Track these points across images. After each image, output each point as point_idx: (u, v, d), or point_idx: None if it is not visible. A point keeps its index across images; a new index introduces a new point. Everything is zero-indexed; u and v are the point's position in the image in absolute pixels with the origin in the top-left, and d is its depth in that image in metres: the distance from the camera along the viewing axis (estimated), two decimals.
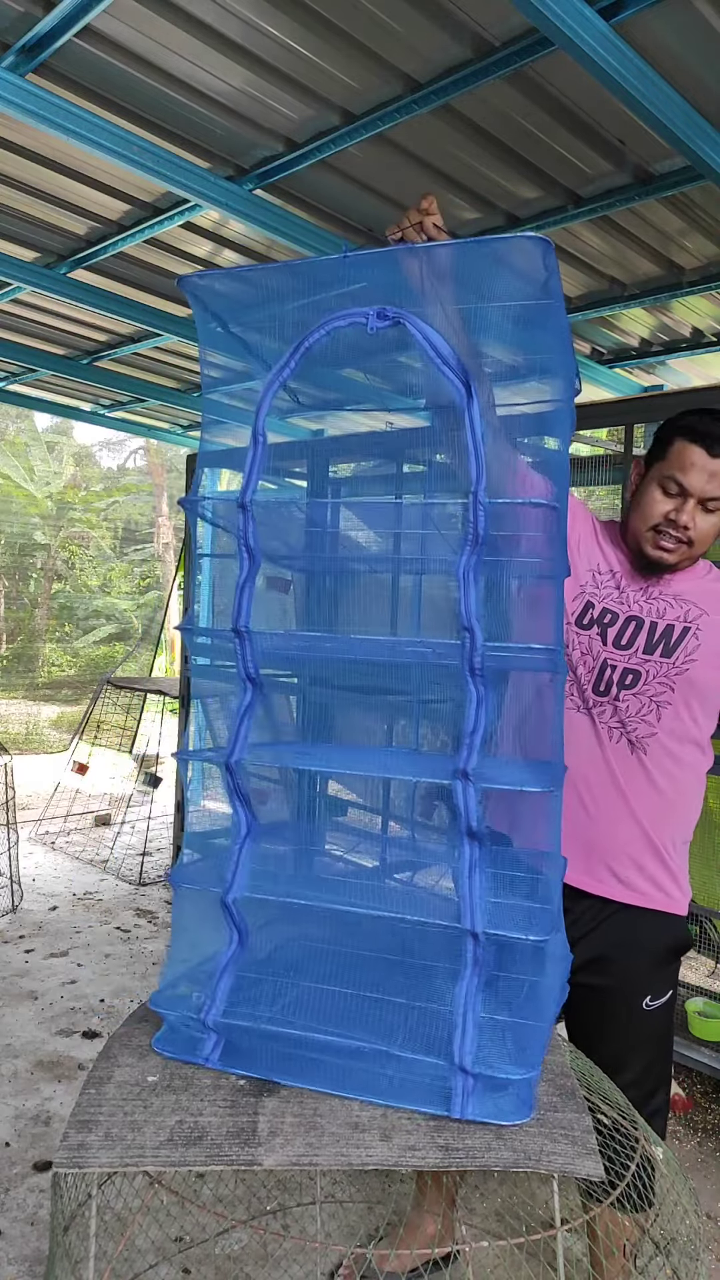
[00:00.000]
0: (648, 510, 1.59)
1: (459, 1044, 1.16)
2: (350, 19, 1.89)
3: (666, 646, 1.59)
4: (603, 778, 1.63)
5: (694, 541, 1.56)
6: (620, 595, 1.63)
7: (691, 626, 1.60)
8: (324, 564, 1.34)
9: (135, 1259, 2.01)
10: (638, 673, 1.60)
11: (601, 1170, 1.09)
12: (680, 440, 1.55)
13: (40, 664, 14.46)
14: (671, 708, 1.60)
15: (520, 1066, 1.17)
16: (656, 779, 1.62)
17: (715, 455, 1.51)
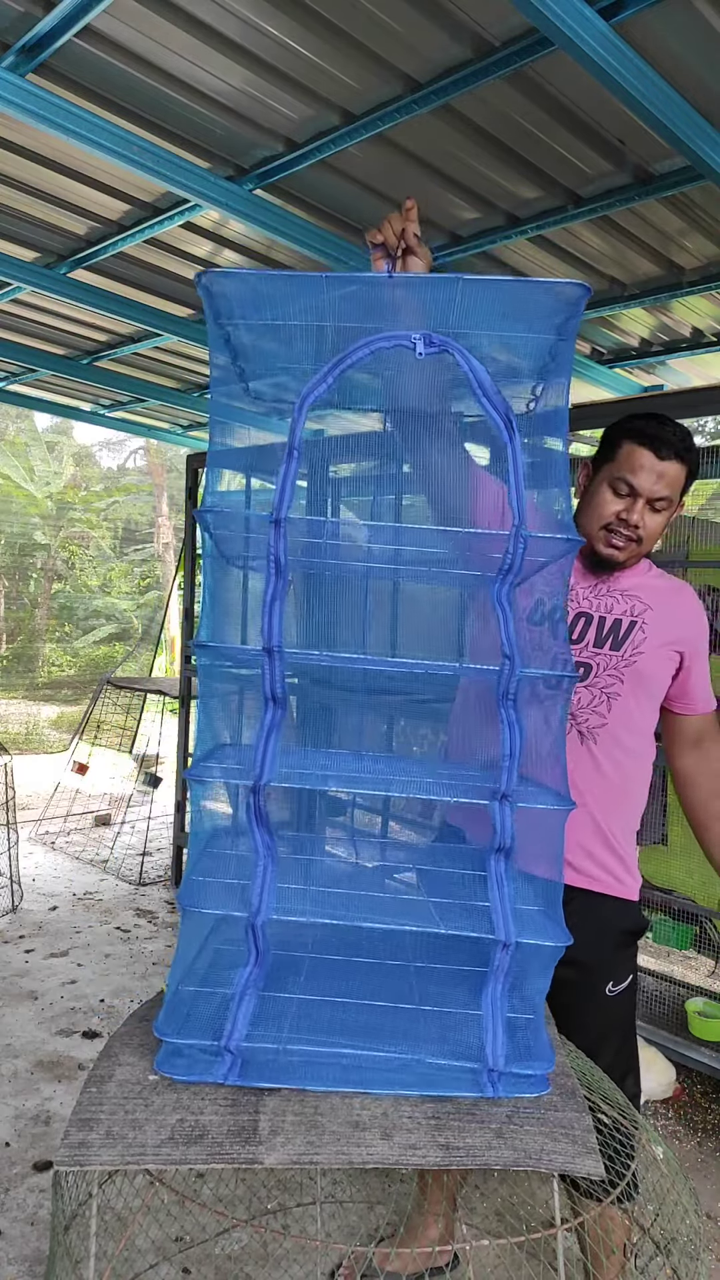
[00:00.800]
0: (599, 510, 1.65)
1: (491, 1048, 1.19)
2: (350, 19, 1.89)
3: (615, 640, 1.67)
4: None
5: (643, 540, 1.64)
6: (570, 593, 1.70)
7: (638, 620, 1.67)
8: (348, 579, 1.33)
9: (135, 1259, 2.01)
10: (589, 665, 1.67)
11: (601, 1169, 1.09)
12: (629, 443, 1.63)
13: (40, 664, 14.46)
14: (621, 699, 1.67)
15: (541, 1060, 1.21)
16: (605, 768, 1.68)
17: (663, 458, 1.60)
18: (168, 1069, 1.25)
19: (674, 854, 3.31)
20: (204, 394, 4.96)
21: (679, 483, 1.64)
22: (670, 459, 1.60)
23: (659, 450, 1.60)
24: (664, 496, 1.62)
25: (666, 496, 1.62)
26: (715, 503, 5.02)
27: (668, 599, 1.72)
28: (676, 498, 1.66)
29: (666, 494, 1.62)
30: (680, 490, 1.66)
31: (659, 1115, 2.89)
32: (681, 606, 1.73)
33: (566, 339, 1.24)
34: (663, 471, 1.60)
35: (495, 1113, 1.18)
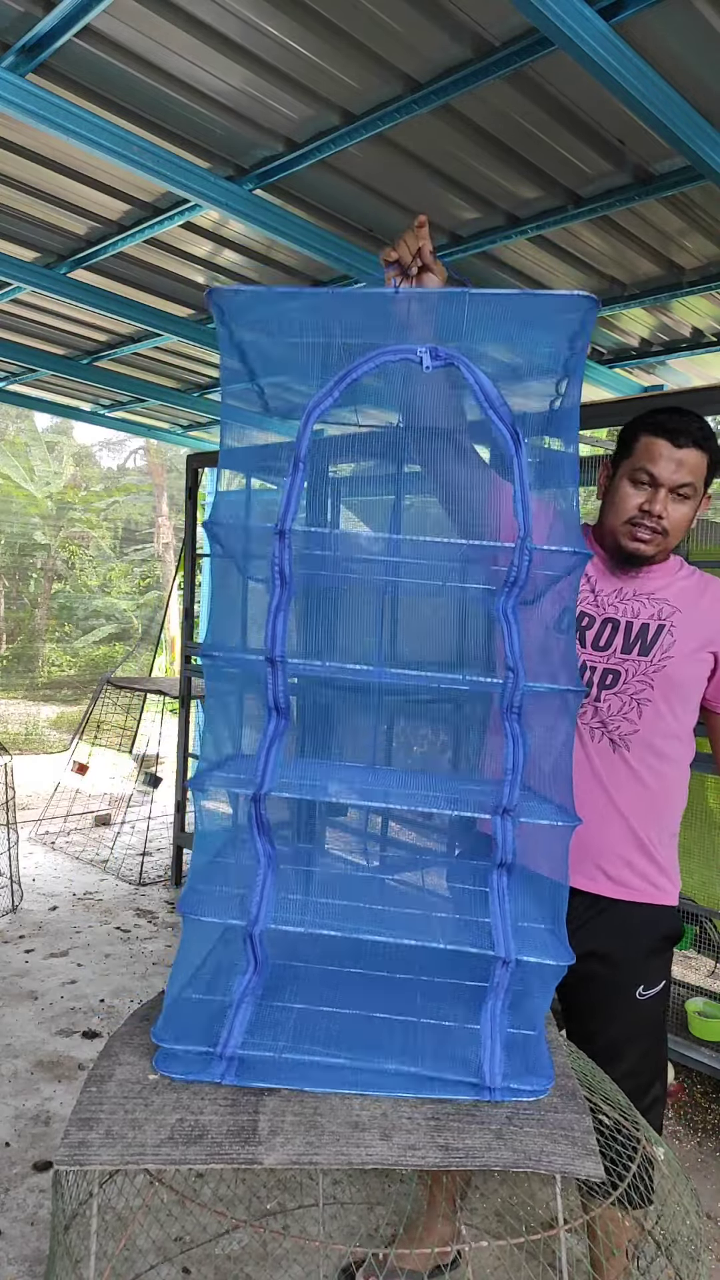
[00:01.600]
0: (622, 505, 1.63)
1: (489, 1065, 1.19)
2: (350, 19, 1.89)
3: (643, 645, 1.64)
4: (587, 778, 1.66)
5: (669, 531, 1.61)
6: (595, 599, 1.68)
7: (666, 624, 1.64)
8: (355, 588, 1.33)
9: (135, 1259, 2.01)
10: (617, 672, 1.64)
11: (601, 1171, 1.09)
12: (646, 436, 1.62)
13: (40, 664, 14.45)
14: (652, 705, 1.64)
15: (540, 1077, 1.21)
16: (640, 775, 1.66)
17: (680, 446, 1.58)
18: (165, 1068, 1.26)
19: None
20: (204, 394, 4.96)
21: (700, 470, 1.61)
22: (688, 446, 1.58)
23: (676, 439, 1.58)
24: (686, 483, 1.59)
25: (689, 483, 1.59)
26: (716, 503, 5.03)
27: (696, 599, 1.68)
28: (700, 486, 1.62)
29: (689, 480, 1.59)
30: (704, 479, 1.62)
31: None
32: (712, 605, 1.68)
33: (578, 352, 1.23)
34: (682, 459, 1.58)
35: (495, 1114, 1.18)
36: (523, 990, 1.24)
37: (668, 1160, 1.34)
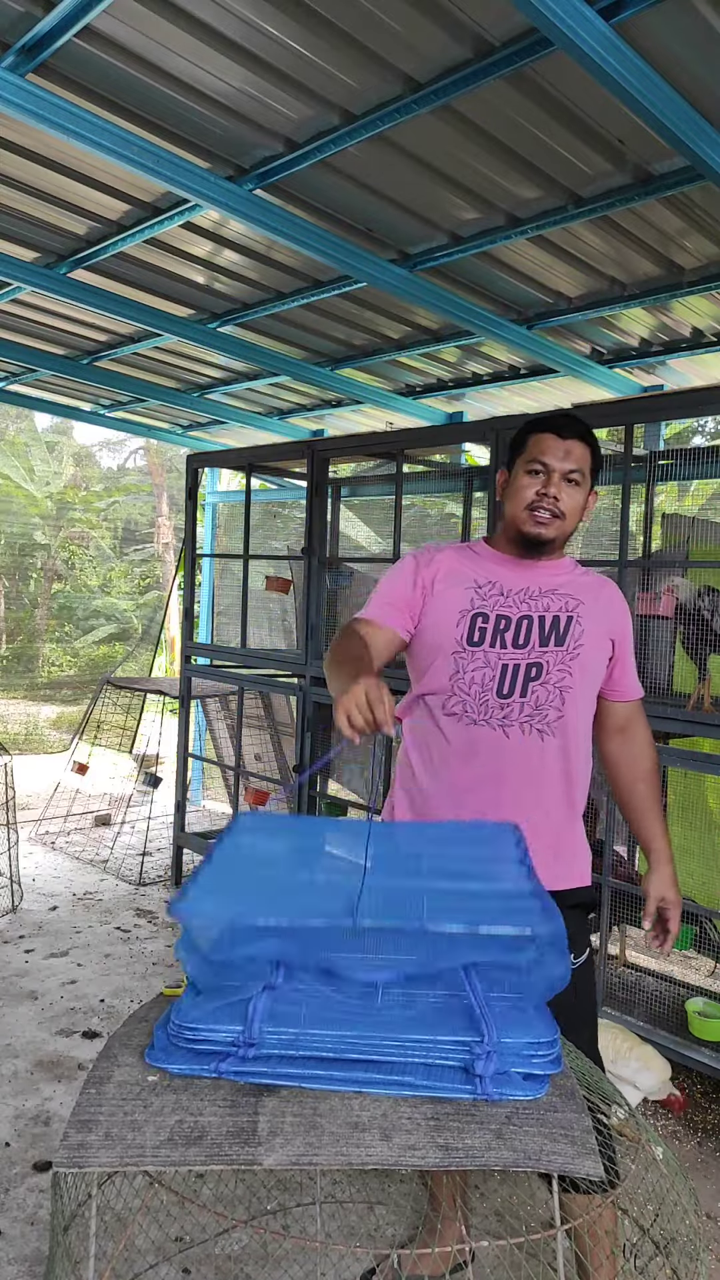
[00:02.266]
0: (521, 494, 1.79)
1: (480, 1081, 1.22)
2: (350, 19, 1.89)
3: (558, 636, 1.78)
4: (517, 776, 1.76)
5: (564, 514, 1.78)
6: (506, 600, 1.80)
7: (574, 615, 1.79)
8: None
9: (135, 1259, 2.01)
10: (540, 665, 1.76)
11: (601, 1170, 1.09)
12: (536, 433, 1.79)
13: (40, 664, 14.45)
14: (572, 691, 1.77)
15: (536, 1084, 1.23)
16: (563, 759, 1.78)
17: (565, 437, 1.76)
18: (159, 1060, 1.26)
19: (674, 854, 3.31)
20: (204, 394, 4.95)
21: (585, 460, 1.77)
22: (572, 438, 1.76)
23: (561, 432, 1.76)
24: (575, 469, 1.76)
25: (577, 469, 1.76)
26: (715, 503, 5.02)
27: (595, 593, 1.84)
28: (588, 476, 1.79)
29: (577, 466, 1.76)
30: (589, 470, 1.79)
31: (659, 1115, 2.89)
32: (609, 599, 1.86)
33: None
34: (568, 449, 1.75)
35: (495, 1114, 1.18)
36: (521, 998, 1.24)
37: (667, 1160, 1.34)
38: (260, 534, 5.89)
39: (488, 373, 4.27)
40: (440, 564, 1.85)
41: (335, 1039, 1.23)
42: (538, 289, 3.24)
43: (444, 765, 1.78)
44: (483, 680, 1.75)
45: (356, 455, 4.54)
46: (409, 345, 3.92)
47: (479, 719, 1.75)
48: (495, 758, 1.75)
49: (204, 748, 6.21)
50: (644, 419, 3.24)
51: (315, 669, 4.10)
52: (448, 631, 1.77)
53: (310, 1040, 1.23)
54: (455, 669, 1.77)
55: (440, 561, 1.85)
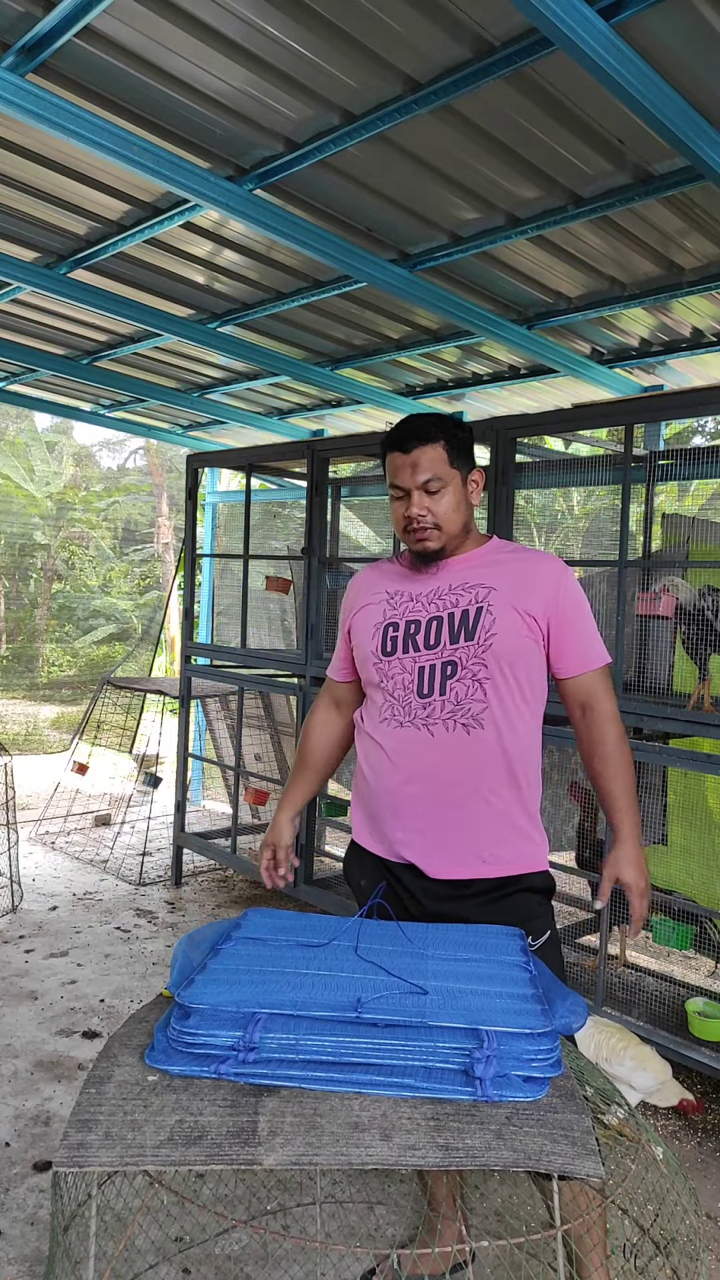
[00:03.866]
0: (394, 518, 1.84)
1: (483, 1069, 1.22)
2: (350, 19, 1.89)
3: (467, 631, 1.78)
4: (448, 772, 1.79)
5: (440, 524, 1.78)
6: (415, 605, 1.83)
7: (484, 605, 1.78)
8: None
9: (135, 1259, 2.01)
10: (454, 662, 1.77)
11: (602, 1170, 1.09)
12: (387, 454, 1.82)
13: (40, 664, 14.45)
14: (492, 680, 1.77)
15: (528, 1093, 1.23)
16: (495, 748, 1.78)
17: (407, 451, 1.77)
18: (158, 1061, 1.26)
19: (674, 854, 3.31)
20: (204, 394, 4.95)
21: (439, 460, 1.76)
22: (415, 448, 1.76)
23: (403, 446, 1.77)
24: (428, 479, 1.76)
25: (431, 478, 1.76)
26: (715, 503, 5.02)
27: (517, 570, 1.81)
28: (449, 473, 1.78)
29: (428, 476, 1.76)
30: (448, 464, 1.77)
31: (659, 1115, 2.89)
32: (534, 575, 1.81)
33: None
34: (414, 462, 1.76)
35: (495, 1114, 1.18)
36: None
37: (667, 1160, 1.34)
38: (260, 534, 5.89)
39: (488, 373, 4.27)
40: (361, 585, 1.96)
41: (334, 1044, 1.24)
42: (538, 289, 3.24)
43: (382, 769, 1.84)
44: (404, 685, 1.81)
45: (356, 455, 4.54)
46: (409, 345, 3.92)
47: (405, 721, 1.80)
48: (424, 757, 1.79)
49: (204, 748, 6.21)
50: (644, 419, 3.23)
51: (315, 669, 4.11)
52: (367, 645, 1.86)
53: (309, 1045, 1.23)
54: (379, 678, 1.84)
55: (361, 583, 1.96)
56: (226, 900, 4.73)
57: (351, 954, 1.50)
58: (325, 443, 4.26)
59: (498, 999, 1.35)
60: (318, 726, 2.06)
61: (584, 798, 3.50)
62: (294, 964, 1.44)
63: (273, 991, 1.31)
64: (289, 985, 1.35)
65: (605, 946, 3.05)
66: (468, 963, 1.49)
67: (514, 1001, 1.34)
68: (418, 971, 1.44)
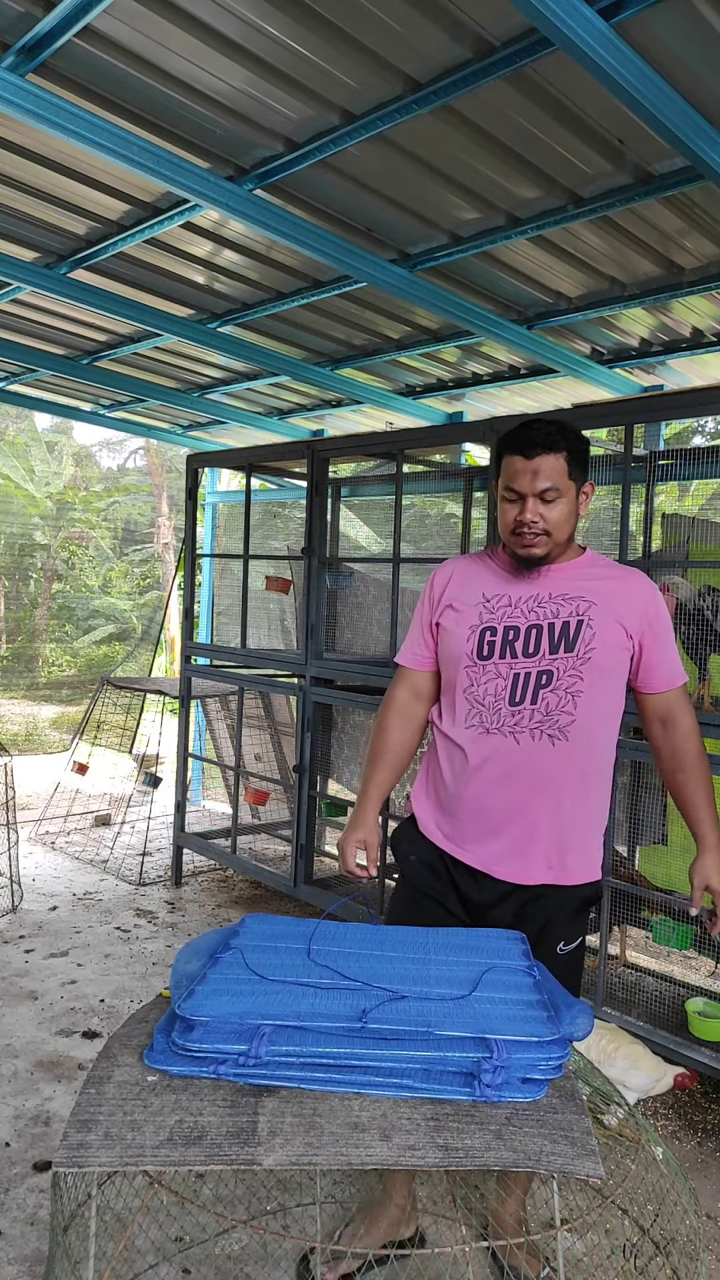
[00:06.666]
0: (502, 521, 1.84)
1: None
2: (350, 19, 1.89)
3: (568, 643, 1.80)
4: (529, 781, 1.82)
5: (550, 531, 1.79)
6: (514, 610, 1.83)
7: (584, 619, 1.80)
8: None
9: (135, 1259, 2.01)
10: (550, 672, 1.79)
11: (601, 1170, 1.09)
12: (505, 454, 1.82)
13: (40, 664, 14.45)
14: (584, 694, 1.80)
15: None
16: (577, 763, 1.81)
17: (530, 457, 1.76)
18: (158, 1062, 1.26)
19: (674, 854, 3.31)
20: (204, 394, 4.95)
21: (560, 470, 1.77)
22: (538, 455, 1.76)
23: (526, 452, 1.76)
24: (547, 488, 1.76)
25: (550, 487, 1.76)
26: (715, 503, 5.02)
27: (613, 588, 1.84)
28: (566, 484, 1.79)
29: (548, 484, 1.76)
30: (567, 475, 1.78)
31: (659, 1115, 2.89)
32: (629, 594, 1.84)
33: None
34: (536, 469, 1.76)
35: (495, 1114, 1.18)
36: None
37: (667, 1160, 1.34)
38: (260, 534, 5.89)
39: (488, 373, 4.27)
40: (454, 580, 1.94)
41: (339, 1055, 1.23)
42: (538, 289, 3.24)
43: (464, 773, 1.86)
44: (496, 691, 1.82)
45: (356, 455, 4.53)
46: (409, 345, 3.92)
47: (492, 728, 1.82)
48: (505, 764, 1.82)
49: (204, 748, 6.21)
50: (644, 419, 3.23)
51: (315, 669, 4.11)
52: (460, 647, 1.86)
53: (312, 1054, 1.23)
54: (469, 682, 1.85)
55: (454, 577, 1.94)
56: (226, 900, 4.73)
57: (352, 960, 1.50)
58: (325, 443, 4.25)
59: (503, 1005, 1.35)
60: (397, 717, 2.02)
61: None
62: (295, 972, 1.44)
63: (275, 1003, 1.31)
64: (291, 995, 1.34)
65: (605, 946, 3.05)
66: (471, 968, 1.49)
67: (520, 1008, 1.34)
68: (420, 978, 1.44)
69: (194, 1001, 1.29)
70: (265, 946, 1.55)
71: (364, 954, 1.53)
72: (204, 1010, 1.27)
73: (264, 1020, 1.26)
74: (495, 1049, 1.22)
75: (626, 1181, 1.30)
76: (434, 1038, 1.25)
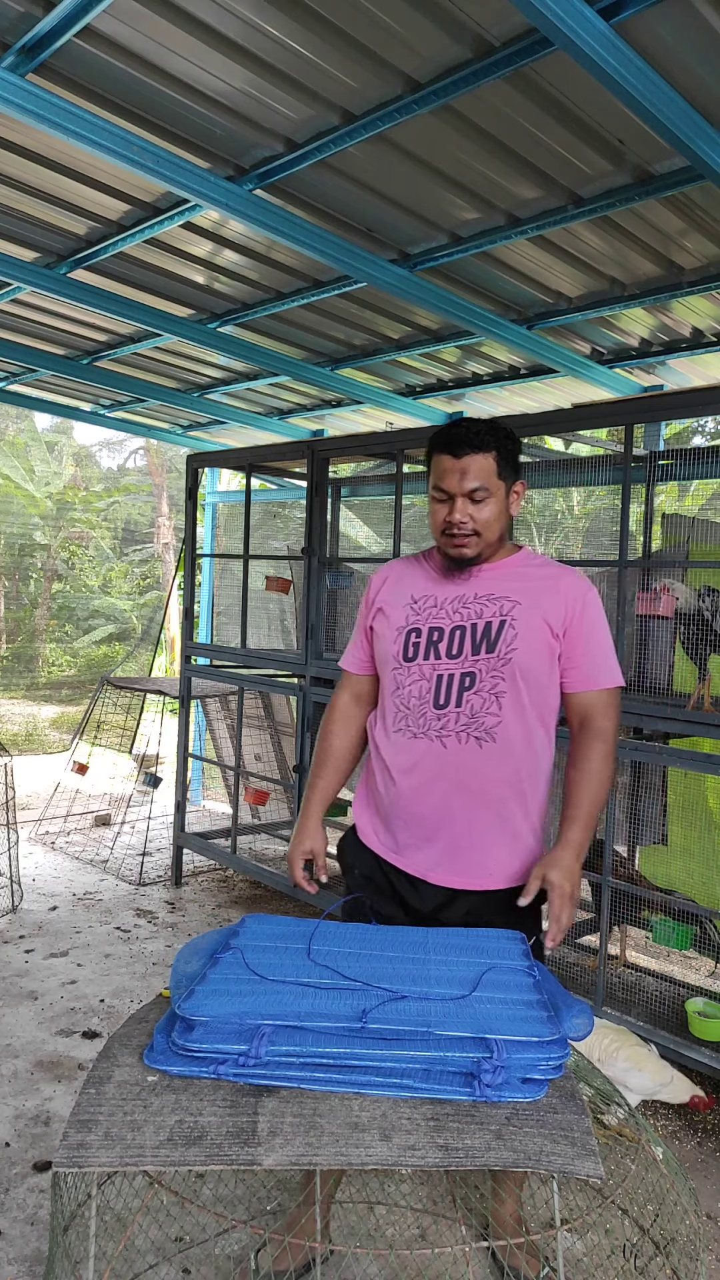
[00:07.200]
0: (433, 521, 1.83)
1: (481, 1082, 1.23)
2: (350, 19, 1.89)
3: (489, 643, 1.78)
4: (459, 785, 1.79)
5: (480, 531, 1.78)
6: (440, 611, 1.82)
7: (507, 619, 1.78)
8: None
9: (135, 1259, 2.01)
10: (473, 674, 1.77)
11: (601, 1170, 1.09)
12: (433, 454, 1.80)
13: (40, 664, 14.45)
14: (508, 695, 1.78)
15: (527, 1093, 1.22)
16: (506, 765, 1.79)
17: (458, 456, 1.75)
18: (158, 1062, 1.26)
19: (674, 854, 3.32)
20: (204, 394, 4.95)
21: (489, 470, 1.76)
22: (467, 454, 1.74)
23: (454, 451, 1.75)
24: (476, 488, 1.75)
25: (479, 487, 1.75)
26: (715, 503, 5.02)
27: (541, 586, 1.82)
28: (495, 484, 1.78)
29: (476, 484, 1.75)
30: (496, 475, 1.77)
31: (659, 1115, 2.89)
32: (557, 592, 1.81)
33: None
34: (464, 468, 1.74)
35: (495, 1114, 1.18)
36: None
37: (667, 1160, 1.34)
38: (260, 534, 5.89)
39: (488, 373, 4.27)
40: (388, 582, 1.94)
41: (339, 1055, 1.23)
42: (538, 289, 3.24)
43: (394, 779, 1.85)
44: (420, 693, 1.80)
45: (356, 455, 4.53)
46: (409, 345, 3.91)
47: (419, 732, 1.80)
48: (433, 768, 1.80)
49: (204, 748, 6.21)
50: (644, 419, 3.23)
51: (315, 669, 4.10)
52: (388, 649, 1.85)
53: (312, 1054, 1.23)
54: (396, 685, 1.84)
55: (389, 580, 1.94)
56: (226, 900, 4.73)
57: (352, 960, 1.50)
58: (325, 443, 4.25)
59: (504, 1005, 1.35)
60: (339, 723, 2.03)
61: None
62: (295, 972, 1.44)
63: (275, 1003, 1.31)
64: (291, 995, 1.35)
65: (605, 946, 3.05)
66: (471, 968, 1.49)
67: (521, 1008, 1.34)
68: (420, 978, 1.44)
69: (194, 1002, 1.29)
70: (265, 946, 1.55)
71: (364, 954, 1.53)
72: (204, 1010, 1.27)
73: (264, 1020, 1.26)
74: (495, 1049, 1.22)
75: (626, 1181, 1.30)
76: (434, 1038, 1.25)
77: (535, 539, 9.84)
